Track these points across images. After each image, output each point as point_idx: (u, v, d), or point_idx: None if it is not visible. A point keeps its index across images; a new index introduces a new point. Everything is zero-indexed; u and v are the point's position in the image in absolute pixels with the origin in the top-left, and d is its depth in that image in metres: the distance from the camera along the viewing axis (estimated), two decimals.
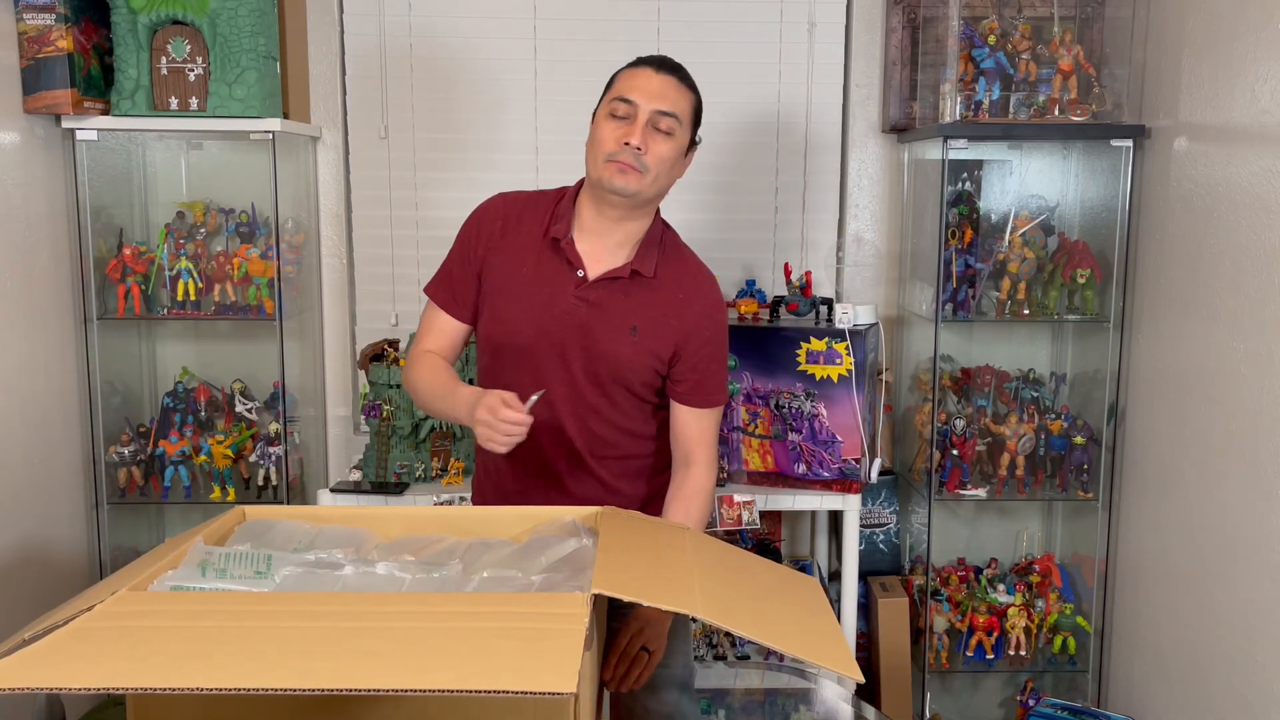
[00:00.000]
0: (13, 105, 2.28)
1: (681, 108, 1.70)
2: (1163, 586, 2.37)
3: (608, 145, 1.69)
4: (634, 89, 1.68)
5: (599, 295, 1.73)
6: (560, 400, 1.75)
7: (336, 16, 2.74)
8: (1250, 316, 2.02)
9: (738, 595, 1.42)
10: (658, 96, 1.68)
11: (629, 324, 1.73)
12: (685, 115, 1.71)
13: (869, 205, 2.85)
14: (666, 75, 1.70)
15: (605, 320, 1.72)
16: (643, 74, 1.70)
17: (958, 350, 2.79)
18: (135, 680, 0.97)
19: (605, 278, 1.73)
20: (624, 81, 1.71)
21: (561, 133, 2.79)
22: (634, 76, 1.70)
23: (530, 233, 1.77)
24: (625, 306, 1.73)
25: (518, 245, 1.77)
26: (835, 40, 2.79)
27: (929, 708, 2.71)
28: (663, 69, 1.70)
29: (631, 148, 1.66)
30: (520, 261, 1.76)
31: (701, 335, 1.76)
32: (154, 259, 2.55)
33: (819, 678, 2.36)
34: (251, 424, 2.66)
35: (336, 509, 1.64)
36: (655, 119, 1.67)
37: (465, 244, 1.82)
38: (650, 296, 1.74)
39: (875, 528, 2.87)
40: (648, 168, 1.68)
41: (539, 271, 1.75)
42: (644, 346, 1.73)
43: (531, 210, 1.80)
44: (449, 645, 1.05)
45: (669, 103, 1.69)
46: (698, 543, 1.58)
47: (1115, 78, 2.49)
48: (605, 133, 1.70)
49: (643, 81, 1.69)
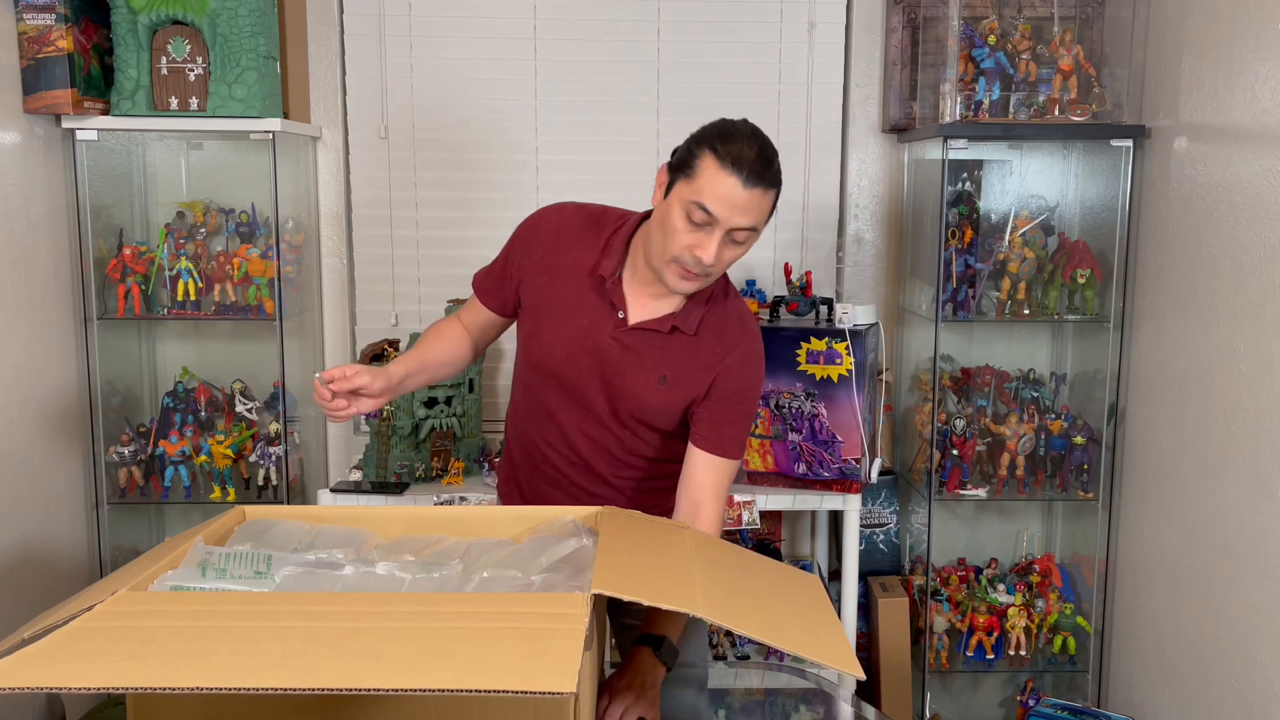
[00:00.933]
0: (13, 105, 2.28)
1: (763, 215, 1.57)
2: (1163, 586, 2.37)
3: (677, 249, 1.57)
4: (715, 199, 1.52)
5: (634, 340, 1.68)
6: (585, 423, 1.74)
7: (336, 16, 2.74)
8: (1250, 316, 2.02)
9: (739, 593, 1.42)
10: (740, 213, 1.54)
11: (659, 373, 1.68)
12: (764, 219, 1.59)
13: (869, 205, 2.85)
14: (753, 189, 1.53)
15: (636, 366, 1.68)
16: (729, 184, 1.52)
17: (958, 350, 2.79)
18: (135, 680, 0.97)
19: (644, 326, 1.68)
20: (707, 183, 1.53)
21: (561, 132, 2.79)
22: (719, 183, 1.52)
23: (579, 259, 1.71)
24: (658, 356, 1.68)
25: (564, 268, 1.71)
26: (835, 40, 2.79)
27: (929, 708, 2.71)
28: (751, 179, 1.52)
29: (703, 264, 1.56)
30: (564, 286, 1.71)
31: (730, 384, 1.69)
32: (154, 259, 2.55)
33: (819, 678, 2.36)
34: (251, 424, 2.66)
35: (336, 509, 1.64)
36: (733, 232, 1.56)
37: (513, 250, 1.78)
38: (686, 349, 1.69)
39: (875, 528, 2.87)
40: (712, 275, 1.61)
41: (581, 301, 1.70)
42: (672, 396, 1.69)
43: (586, 235, 1.72)
44: (449, 645, 1.05)
45: (751, 218, 1.55)
46: (699, 542, 1.58)
47: (1115, 78, 2.49)
48: (677, 233, 1.57)
49: (728, 194, 1.52)
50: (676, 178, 1.58)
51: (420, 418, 2.55)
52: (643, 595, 1.25)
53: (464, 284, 2.77)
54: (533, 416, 1.80)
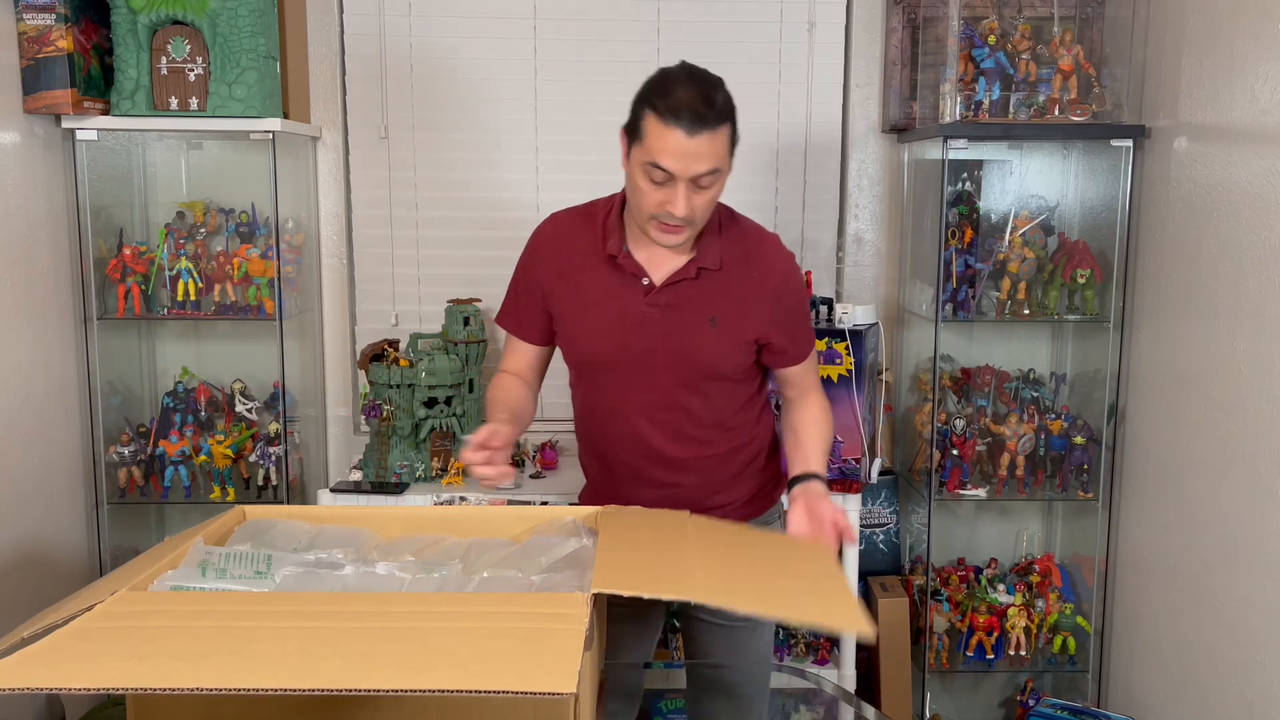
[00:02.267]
0: (13, 105, 2.28)
1: (720, 154, 1.57)
2: (1163, 586, 2.37)
3: (650, 208, 1.60)
4: (666, 156, 1.54)
5: (669, 298, 1.70)
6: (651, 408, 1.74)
7: (336, 16, 2.74)
8: (1250, 316, 2.02)
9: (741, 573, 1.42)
10: (694, 160, 1.54)
11: (706, 317, 1.70)
12: (724, 155, 1.59)
13: (869, 205, 2.85)
14: (699, 135, 1.53)
15: (682, 320, 1.70)
16: (673, 137, 1.52)
17: (958, 350, 2.79)
18: (135, 680, 0.97)
19: (671, 281, 1.70)
20: (654, 141, 1.55)
21: (561, 132, 2.79)
22: (664, 138, 1.53)
23: (587, 250, 1.74)
24: (699, 302, 1.70)
25: (577, 265, 1.74)
26: (835, 40, 2.79)
27: (929, 708, 2.71)
28: (695, 127, 1.52)
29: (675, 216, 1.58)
30: (583, 281, 1.73)
31: (785, 304, 1.74)
32: (154, 259, 2.55)
33: (819, 678, 2.36)
34: (251, 424, 2.66)
35: (336, 509, 1.65)
36: (696, 180, 1.56)
37: (525, 273, 1.81)
38: (722, 284, 1.71)
39: (875, 528, 2.87)
40: (695, 219, 1.62)
41: (604, 287, 1.72)
42: (726, 335, 1.71)
43: (582, 228, 1.76)
44: (449, 645, 1.05)
45: (707, 161, 1.55)
46: (699, 527, 1.58)
47: (1115, 78, 2.49)
48: (644, 194, 1.59)
49: (675, 147, 1.53)
50: (631, 141, 1.61)
51: (420, 418, 2.55)
52: (642, 589, 1.25)
53: (464, 284, 2.79)
54: (598, 420, 1.81)
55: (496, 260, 2.82)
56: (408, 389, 2.55)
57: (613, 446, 1.80)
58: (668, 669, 2.41)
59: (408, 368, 2.55)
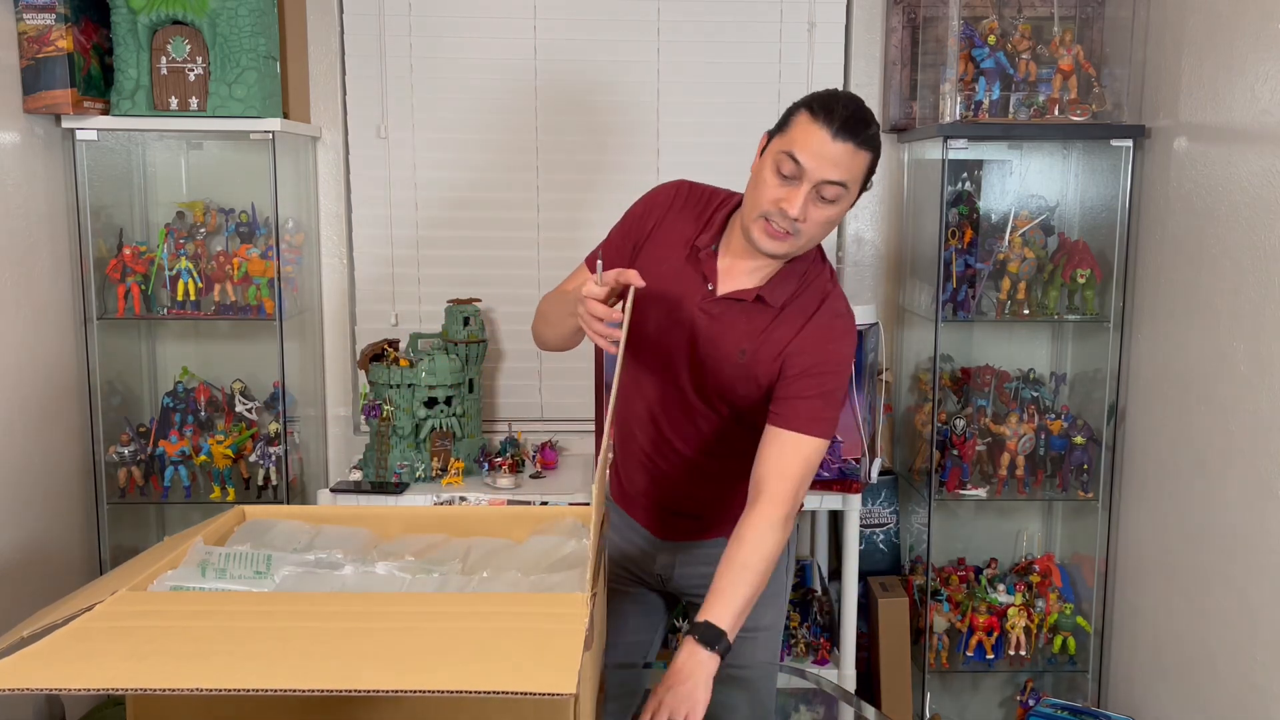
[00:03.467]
0: (13, 105, 2.28)
1: (854, 174, 1.55)
2: (1162, 586, 2.37)
3: (765, 203, 1.56)
4: (805, 150, 1.52)
5: (720, 311, 1.67)
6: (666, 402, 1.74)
7: (336, 16, 2.74)
8: (1250, 317, 2.02)
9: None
10: (829, 165, 1.52)
11: (739, 346, 1.66)
12: (856, 179, 1.56)
13: (869, 205, 2.85)
14: (844, 142, 1.51)
15: (718, 337, 1.67)
16: (818, 136, 1.52)
17: (958, 350, 2.79)
18: (135, 680, 0.97)
19: (730, 297, 1.67)
20: (798, 133, 1.54)
21: (561, 132, 2.79)
22: (809, 134, 1.52)
23: (684, 232, 1.72)
24: (741, 329, 1.66)
25: (670, 239, 1.72)
26: (835, 40, 2.79)
27: (929, 708, 2.71)
28: (843, 133, 1.51)
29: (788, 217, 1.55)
30: (666, 255, 1.71)
31: (806, 356, 1.64)
32: (154, 259, 2.55)
33: (819, 678, 2.36)
34: (251, 424, 2.66)
35: (336, 509, 1.65)
36: (821, 187, 1.53)
37: (631, 219, 1.77)
38: (769, 323, 1.66)
39: (875, 528, 2.87)
40: (801, 234, 1.57)
41: (678, 273, 1.70)
42: (749, 370, 1.66)
43: (695, 209, 1.73)
44: (449, 645, 1.05)
45: (840, 172, 1.53)
46: None
47: (1115, 78, 2.49)
48: (766, 187, 1.57)
49: (816, 144, 1.52)
50: (773, 137, 1.59)
51: (420, 418, 2.55)
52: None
53: (464, 284, 2.79)
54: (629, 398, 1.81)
55: (496, 260, 2.84)
56: (408, 389, 2.55)
57: (634, 426, 1.81)
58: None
59: (408, 368, 2.55)
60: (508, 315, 2.86)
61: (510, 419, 2.88)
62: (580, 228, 2.80)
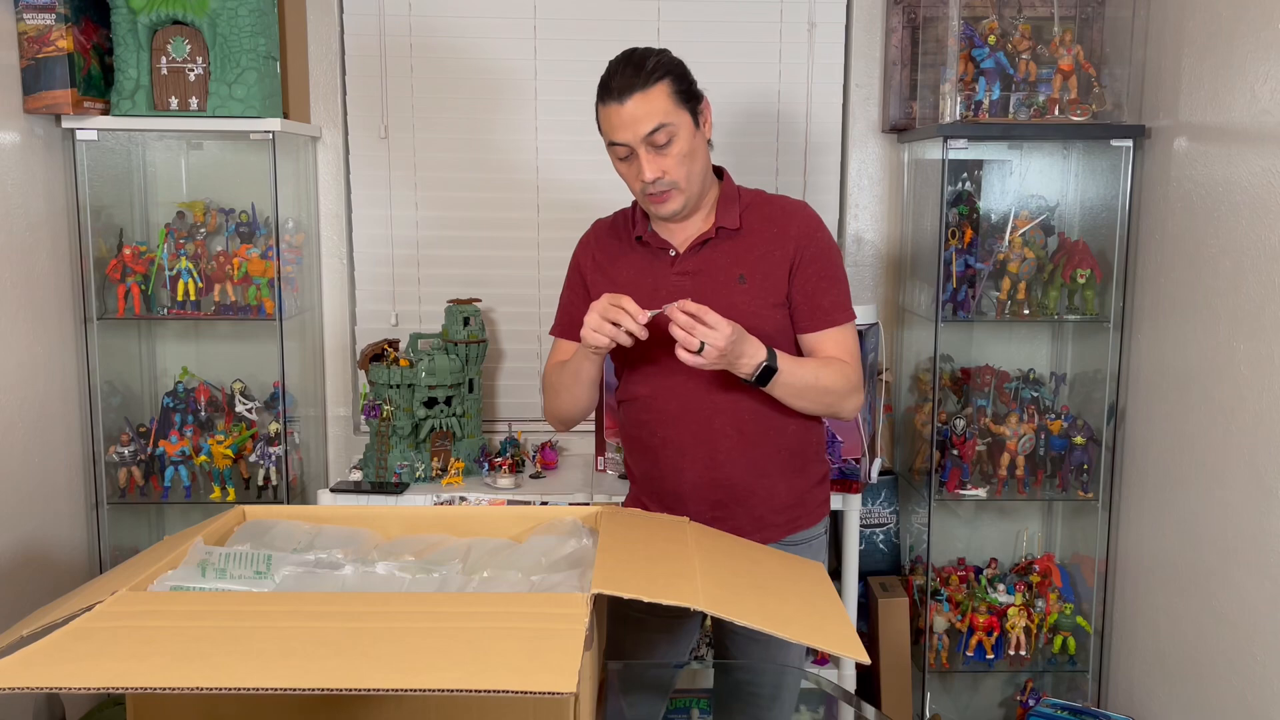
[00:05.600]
0: (13, 105, 2.28)
1: (662, 109, 1.66)
2: (1163, 586, 2.37)
3: (634, 185, 1.72)
4: (613, 130, 1.68)
5: (695, 263, 1.76)
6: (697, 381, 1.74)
7: (336, 16, 2.74)
8: (1250, 317, 2.02)
9: (740, 585, 1.42)
10: (634, 124, 1.65)
11: (734, 275, 1.74)
12: (670, 110, 1.67)
13: (869, 205, 2.85)
14: (630, 96, 1.65)
15: (710, 281, 1.74)
16: (612, 111, 1.67)
17: (958, 350, 2.79)
18: (135, 680, 0.97)
19: (694, 244, 1.76)
20: (603, 123, 1.70)
21: (561, 132, 2.79)
22: (608, 116, 1.68)
23: (620, 241, 1.84)
24: (725, 262, 1.75)
25: (613, 256, 1.84)
26: (835, 40, 2.79)
27: (929, 708, 2.71)
28: (625, 92, 1.65)
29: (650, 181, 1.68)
30: (618, 267, 1.82)
31: (805, 253, 1.74)
32: (154, 259, 2.55)
33: (819, 678, 2.36)
34: (251, 424, 2.66)
35: (336, 509, 1.64)
36: (649, 140, 1.66)
37: (571, 277, 1.90)
38: (746, 243, 1.76)
39: (875, 528, 2.87)
40: (678, 182, 1.69)
41: (636, 267, 1.80)
42: (756, 293, 1.73)
43: (615, 225, 1.87)
44: (449, 645, 1.05)
45: (647, 121, 1.65)
46: (699, 535, 1.58)
47: (1115, 78, 2.49)
48: (624, 175, 1.73)
49: (615, 119, 1.67)
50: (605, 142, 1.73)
51: (420, 418, 2.55)
52: (643, 592, 1.25)
53: (464, 284, 2.79)
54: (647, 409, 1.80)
55: (496, 260, 2.84)
56: (408, 389, 2.55)
57: (662, 428, 1.79)
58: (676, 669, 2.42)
59: (408, 368, 2.55)
60: (508, 315, 2.86)
61: (510, 419, 2.88)
62: (580, 228, 2.79)
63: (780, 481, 1.80)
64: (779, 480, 1.80)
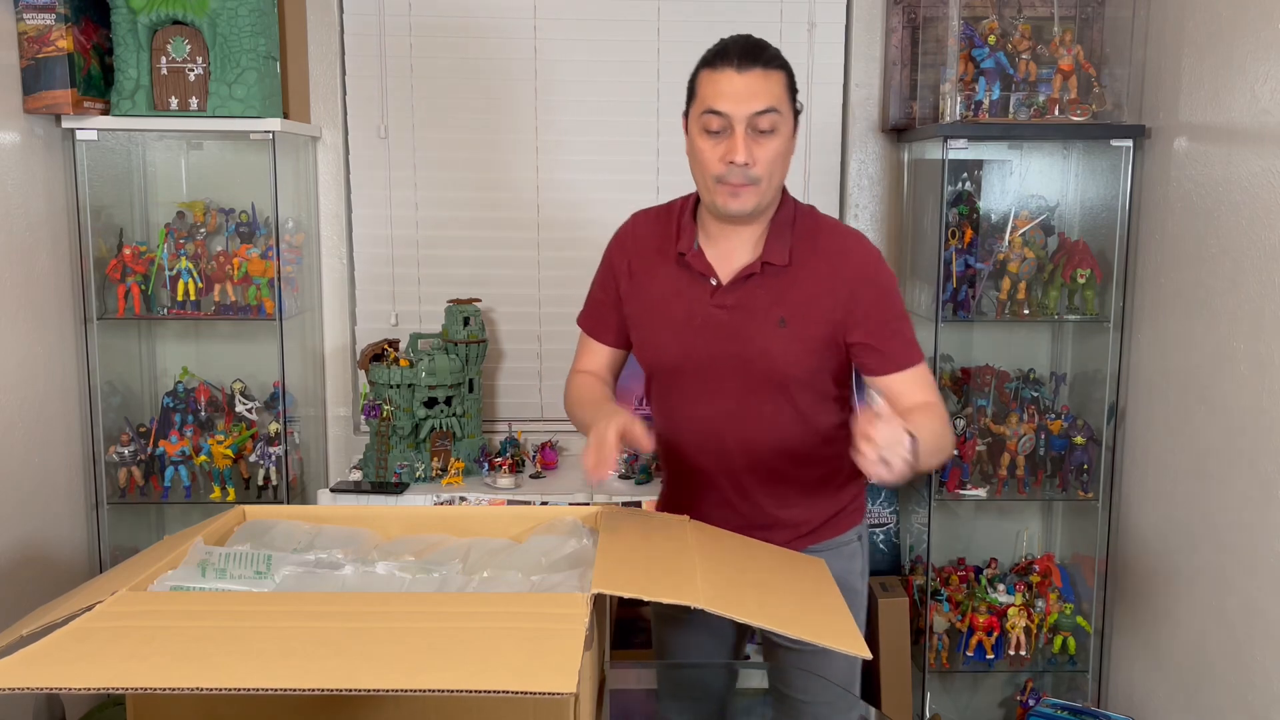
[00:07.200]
0: (13, 105, 2.28)
1: (776, 95, 1.53)
2: (1163, 586, 2.37)
3: (712, 167, 1.56)
4: (720, 97, 1.52)
5: (736, 298, 1.63)
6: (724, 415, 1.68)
7: (336, 16, 2.74)
8: (1249, 316, 2.02)
9: (742, 583, 1.42)
10: (749, 97, 1.51)
11: (775, 318, 1.62)
12: (783, 100, 1.54)
13: (869, 205, 2.85)
14: (750, 70, 1.51)
15: (749, 320, 1.62)
16: (725, 77, 1.52)
17: (958, 350, 2.79)
18: (135, 680, 0.97)
19: (738, 278, 1.63)
20: (707, 88, 1.54)
21: (561, 132, 2.79)
22: (716, 82, 1.53)
23: (660, 250, 1.70)
24: (767, 301, 1.62)
25: (650, 266, 1.70)
26: (835, 40, 2.79)
27: (929, 708, 2.71)
28: (745, 63, 1.52)
29: (739, 167, 1.53)
30: (653, 281, 1.69)
31: (864, 301, 1.61)
32: (154, 259, 2.55)
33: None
34: (251, 424, 2.66)
35: (336, 509, 1.64)
36: (754, 122, 1.52)
37: (604, 272, 1.77)
38: (792, 281, 1.62)
39: (875, 528, 2.87)
40: (759, 178, 1.55)
41: (673, 288, 1.67)
42: (796, 336, 1.62)
43: (657, 227, 1.72)
44: (449, 645, 1.05)
45: (762, 99, 1.51)
46: (700, 534, 1.58)
47: (1115, 78, 2.49)
48: (705, 153, 1.56)
49: (727, 86, 1.52)
50: (688, 108, 1.60)
51: (420, 418, 2.55)
52: (643, 591, 1.25)
53: (464, 284, 2.79)
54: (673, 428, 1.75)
55: (496, 260, 2.84)
56: (408, 389, 2.55)
57: (687, 454, 1.74)
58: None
59: (408, 368, 2.55)
60: (508, 315, 2.86)
61: (510, 419, 2.88)
62: (580, 228, 2.80)
63: (807, 511, 1.76)
64: (805, 510, 1.76)
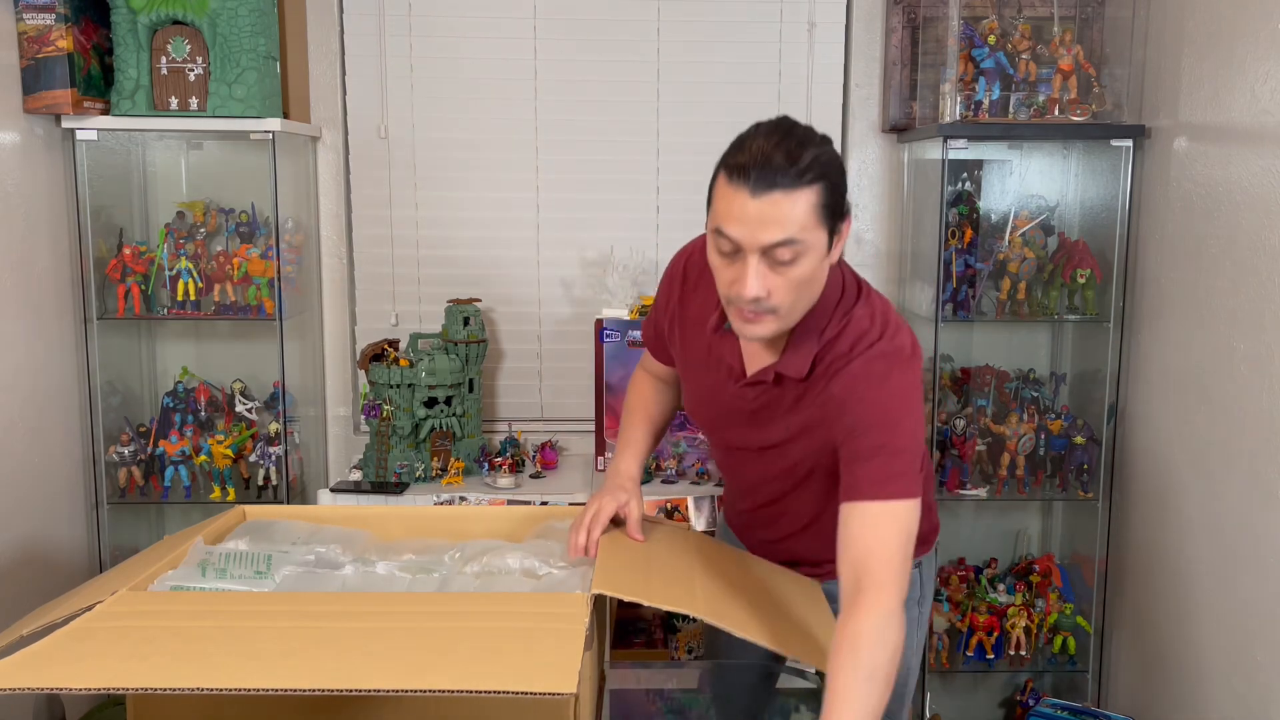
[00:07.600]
0: (13, 105, 2.28)
1: (798, 222, 1.29)
2: (1163, 586, 2.37)
3: (724, 289, 1.37)
4: (731, 220, 1.30)
5: (756, 394, 1.51)
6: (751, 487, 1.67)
7: (336, 16, 2.74)
8: (1250, 316, 2.02)
9: (740, 598, 1.42)
10: (762, 228, 1.28)
11: (785, 424, 1.51)
12: (810, 224, 1.30)
13: (869, 205, 2.85)
14: (766, 196, 1.27)
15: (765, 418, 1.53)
16: (738, 200, 1.29)
17: (958, 350, 2.79)
18: (135, 680, 0.97)
19: (754, 380, 1.50)
20: (720, 202, 1.32)
21: (561, 132, 2.79)
22: (729, 201, 1.30)
23: (704, 305, 1.54)
24: (778, 410, 1.51)
25: (692, 318, 1.58)
26: (835, 40, 2.79)
27: (929, 708, 2.71)
28: (761, 185, 1.27)
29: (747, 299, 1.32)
30: (693, 339, 1.58)
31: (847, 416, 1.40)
32: (154, 259, 2.55)
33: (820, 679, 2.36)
34: (251, 424, 2.66)
35: (336, 509, 1.65)
36: (770, 253, 1.30)
37: (661, 292, 1.66)
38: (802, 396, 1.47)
39: None
40: (779, 309, 1.34)
41: (707, 356, 1.56)
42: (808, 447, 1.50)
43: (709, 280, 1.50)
44: (449, 645, 1.05)
45: (778, 230, 1.28)
46: (700, 544, 1.58)
47: (1115, 78, 2.49)
48: (718, 271, 1.37)
49: (738, 211, 1.29)
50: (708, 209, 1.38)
51: (420, 418, 2.55)
52: (643, 596, 1.25)
53: (464, 284, 2.79)
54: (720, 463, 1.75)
55: (496, 260, 2.84)
56: (408, 389, 2.55)
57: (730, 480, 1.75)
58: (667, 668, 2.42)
59: (408, 368, 2.55)
60: (508, 315, 2.86)
61: (510, 419, 2.88)
62: (580, 227, 2.80)
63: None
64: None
